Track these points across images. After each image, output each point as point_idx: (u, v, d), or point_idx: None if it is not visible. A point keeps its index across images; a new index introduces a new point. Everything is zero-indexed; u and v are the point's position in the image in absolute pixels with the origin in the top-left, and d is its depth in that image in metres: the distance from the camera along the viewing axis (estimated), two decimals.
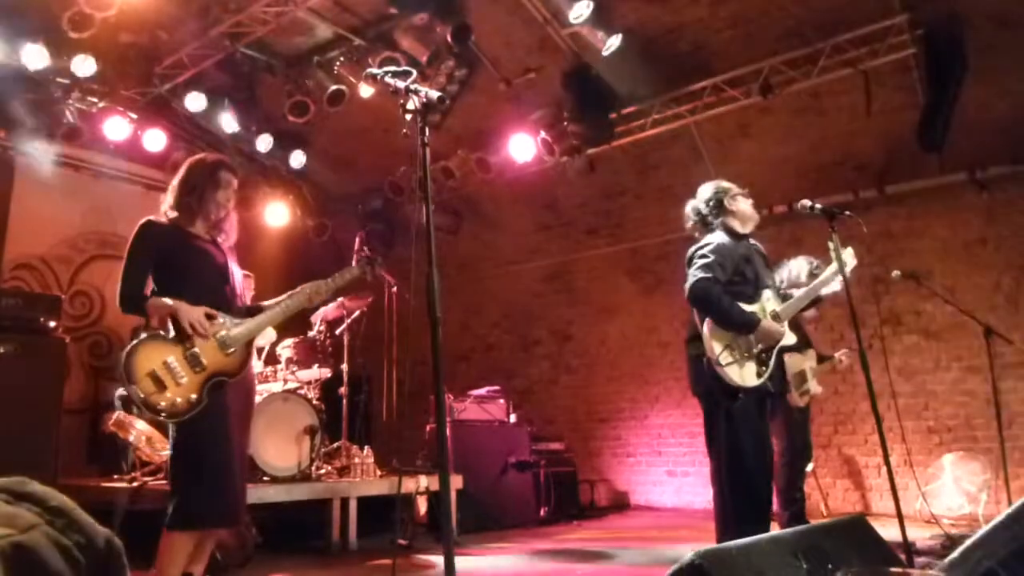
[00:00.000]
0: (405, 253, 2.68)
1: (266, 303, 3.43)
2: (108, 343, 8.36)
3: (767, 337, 3.79)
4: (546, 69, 7.72)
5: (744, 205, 4.07)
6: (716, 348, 3.72)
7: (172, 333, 3.03)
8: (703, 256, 3.85)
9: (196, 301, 3.11)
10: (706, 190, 4.14)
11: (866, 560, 2.23)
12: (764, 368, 3.80)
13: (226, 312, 3.22)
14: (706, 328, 3.76)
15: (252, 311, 3.37)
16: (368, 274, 3.59)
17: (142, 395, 2.91)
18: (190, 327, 3.03)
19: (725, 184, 4.14)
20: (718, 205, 4.06)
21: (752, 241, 4.09)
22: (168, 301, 3.06)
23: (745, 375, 3.74)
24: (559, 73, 7.60)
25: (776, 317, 3.88)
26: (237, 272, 3.41)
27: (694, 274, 3.80)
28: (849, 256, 4.02)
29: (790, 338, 3.94)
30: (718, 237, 3.95)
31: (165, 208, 3.31)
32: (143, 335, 3.06)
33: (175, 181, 3.37)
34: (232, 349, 3.13)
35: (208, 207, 3.31)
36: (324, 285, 3.41)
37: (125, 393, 3.07)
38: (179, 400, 2.96)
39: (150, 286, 3.20)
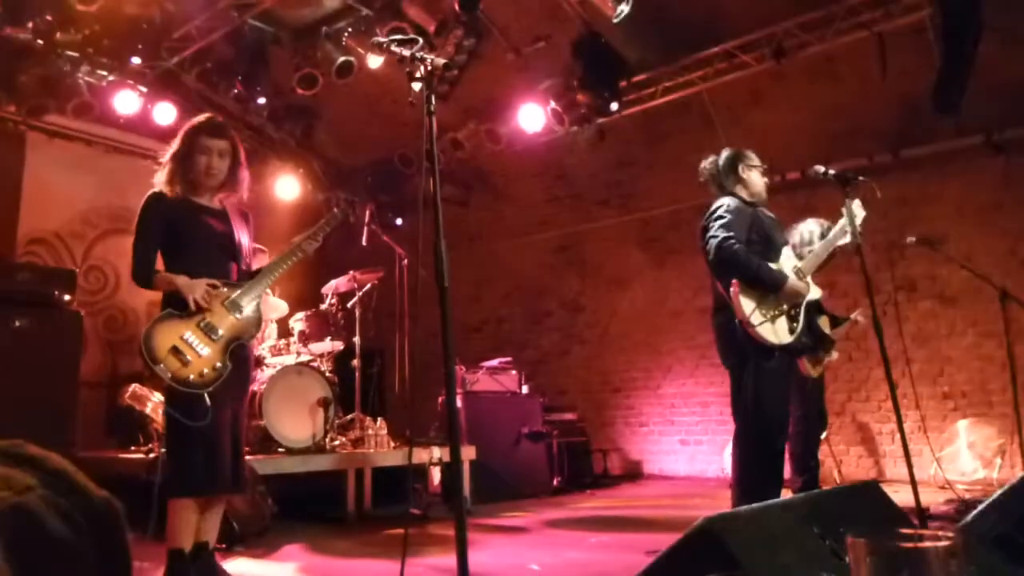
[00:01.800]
0: (415, 225, 2.66)
1: (277, 259, 3.47)
2: (123, 317, 8.42)
3: (794, 295, 3.81)
4: (555, 38, 7.63)
5: (756, 177, 4.10)
6: (747, 308, 3.72)
7: (192, 308, 3.10)
8: (720, 217, 3.84)
9: (197, 271, 3.17)
10: (726, 153, 4.17)
11: (879, 525, 2.22)
12: (796, 324, 3.83)
13: (228, 276, 3.31)
14: (733, 290, 3.75)
15: (253, 275, 3.42)
16: (350, 215, 3.80)
17: (170, 373, 2.99)
18: (194, 303, 3.10)
19: (746, 152, 4.14)
20: (731, 170, 4.08)
21: (761, 209, 4.10)
22: (171, 278, 3.15)
23: (779, 332, 3.77)
24: (568, 42, 7.51)
25: (799, 273, 3.91)
26: (244, 238, 3.43)
27: (715, 234, 3.78)
28: (857, 207, 3.99)
29: (816, 292, 3.97)
30: (730, 200, 3.95)
31: (160, 180, 3.32)
32: (158, 316, 3.16)
33: (169, 152, 3.38)
34: (243, 312, 3.23)
35: (198, 176, 3.31)
36: (312, 233, 3.51)
37: (149, 376, 3.20)
38: (206, 370, 3.06)
39: (161, 259, 3.28)
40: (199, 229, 3.27)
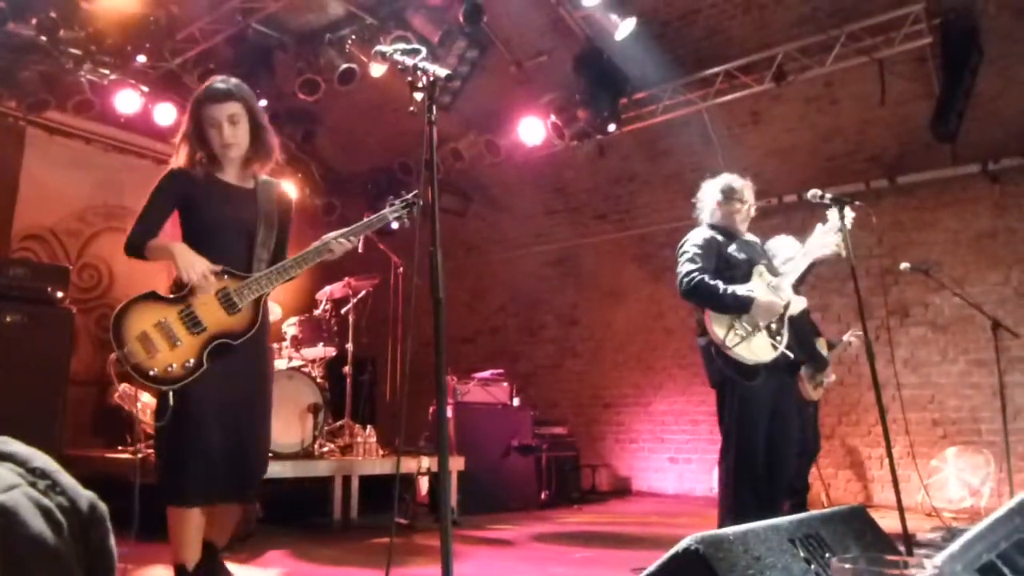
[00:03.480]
0: (411, 233, 2.65)
1: (292, 259, 2.98)
2: None
3: (767, 312, 3.75)
4: (558, 52, 7.67)
5: (735, 217, 4.05)
6: (720, 332, 3.72)
7: (187, 284, 2.76)
8: (685, 252, 3.92)
9: (208, 253, 2.82)
10: (717, 182, 4.13)
11: (864, 549, 2.22)
12: (779, 339, 3.78)
13: (242, 266, 2.89)
14: (706, 316, 3.78)
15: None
16: (403, 219, 3.08)
17: (133, 360, 2.65)
18: (187, 277, 2.73)
19: (735, 185, 4.09)
20: (713, 203, 4.09)
21: (737, 236, 4.08)
22: (168, 244, 2.82)
23: (757, 350, 3.72)
24: (571, 56, 7.55)
25: (774, 289, 3.86)
26: (272, 223, 3.02)
27: (680, 270, 3.87)
28: (834, 217, 3.95)
29: (799, 303, 3.92)
30: (702, 231, 4.01)
31: (181, 160, 2.98)
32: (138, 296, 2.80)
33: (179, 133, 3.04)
34: (238, 307, 2.81)
35: (215, 151, 2.95)
36: (349, 231, 3.02)
37: (116, 358, 2.70)
38: (174, 365, 2.68)
39: (168, 236, 2.93)
40: (214, 209, 2.91)
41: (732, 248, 3.98)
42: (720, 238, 3.99)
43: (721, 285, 3.76)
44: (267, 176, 3.13)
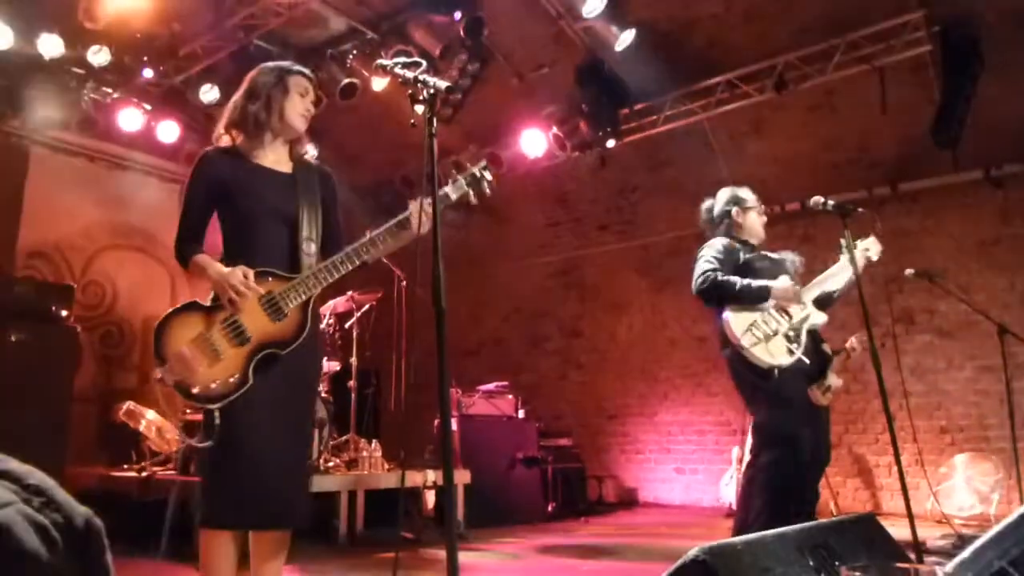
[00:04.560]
0: (412, 247, 2.64)
1: (341, 253, 2.64)
2: (120, 332, 8.40)
3: (783, 296, 3.78)
4: (559, 64, 7.70)
5: (753, 220, 4.12)
6: (737, 332, 3.72)
7: (226, 305, 2.49)
8: (702, 256, 3.95)
9: (244, 252, 2.57)
10: (722, 196, 4.20)
11: (874, 558, 2.20)
12: (796, 346, 3.77)
13: (285, 265, 2.60)
14: (724, 318, 3.78)
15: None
16: (473, 193, 2.89)
17: (173, 379, 2.44)
18: (225, 297, 2.47)
19: (742, 194, 4.16)
20: (725, 215, 4.13)
21: (760, 252, 4.11)
22: (205, 264, 2.55)
23: (775, 352, 3.73)
24: (572, 68, 7.57)
25: (796, 285, 3.88)
26: (314, 209, 2.72)
27: (697, 273, 3.87)
28: (873, 244, 4.01)
29: (820, 317, 3.93)
30: (719, 241, 4.03)
31: (221, 129, 2.74)
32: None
33: (235, 96, 2.76)
34: (284, 313, 2.53)
35: (274, 119, 2.68)
36: (415, 208, 2.65)
37: (160, 376, 2.46)
38: (216, 382, 2.44)
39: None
40: (252, 197, 2.61)
41: (752, 256, 3.99)
42: (739, 247, 4.02)
43: (737, 279, 3.80)
44: (302, 156, 2.82)
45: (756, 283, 3.80)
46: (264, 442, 2.49)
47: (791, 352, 3.76)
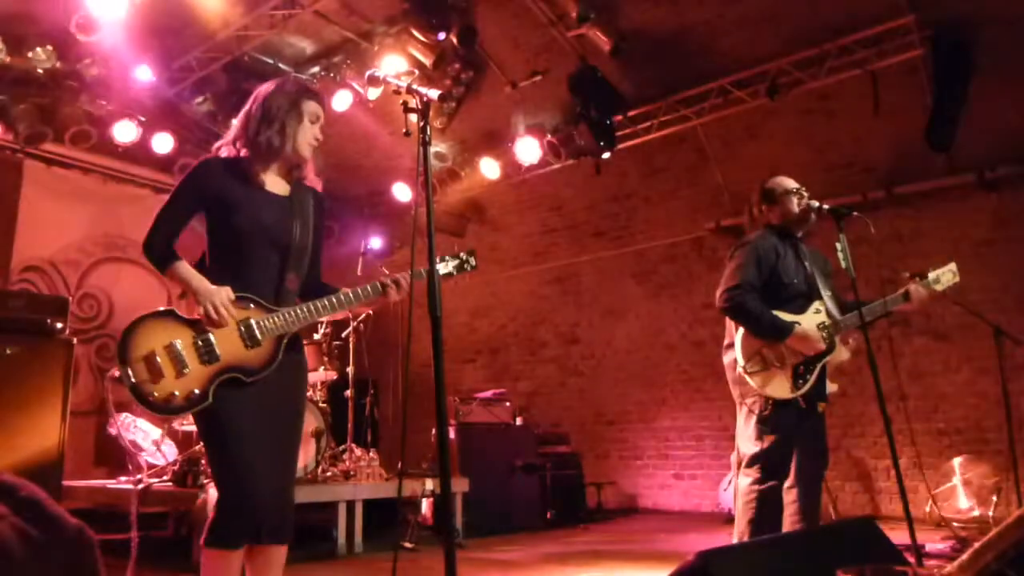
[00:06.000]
0: (408, 255, 2.63)
1: (323, 299, 2.64)
2: (116, 345, 8.38)
3: (803, 344, 3.55)
4: (552, 72, 7.72)
5: (791, 204, 3.89)
6: (746, 355, 3.58)
7: (203, 319, 2.47)
8: (733, 257, 3.73)
9: (236, 270, 2.53)
10: (765, 188, 3.99)
11: (874, 562, 2.20)
12: (802, 382, 3.56)
13: (272, 292, 2.57)
14: (739, 333, 3.64)
15: (310, 296, 2.68)
16: (456, 274, 3.03)
17: (133, 379, 2.39)
18: (204, 313, 2.44)
19: (782, 180, 3.98)
20: (768, 199, 3.93)
21: (802, 245, 3.89)
22: (188, 276, 2.51)
23: (776, 386, 3.55)
24: (565, 76, 7.59)
25: (826, 330, 3.64)
26: (306, 230, 2.68)
27: (726, 282, 3.66)
28: (951, 272, 3.98)
29: (844, 354, 3.74)
30: (762, 237, 3.79)
31: (226, 142, 2.69)
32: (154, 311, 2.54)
33: (244, 111, 2.68)
34: (258, 344, 2.50)
35: (287, 147, 2.62)
36: (402, 278, 2.72)
37: (117, 375, 2.46)
38: (176, 393, 2.40)
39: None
40: (249, 217, 2.55)
41: (789, 262, 3.75)
42: (778, 246, 3.76)
43: (761, 311, 3.56)
44: (300, 178, 2.77)
45: (781, 319, 3.56)
46: (255, 457, 2.46)
47: (794, 388, 3.55)
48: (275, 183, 2.68)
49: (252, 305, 2.52)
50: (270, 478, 2.48)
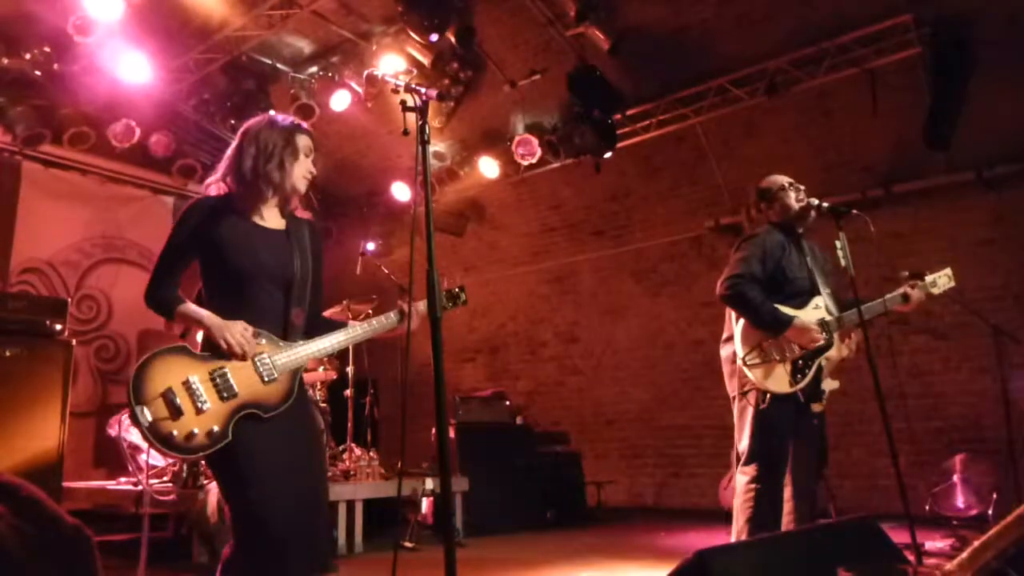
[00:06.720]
0: (408, 254, 2.62)
1: (338, 333, 2.69)
2: (115, 346, 8.38)
3: (801, 336, 3.57)
4: (551, 71, 7.72)
5: (789, 200, 3.92)
6: (746, 346, 3.59)
7: (226, 350, 2.42)
8: (739, 250, 3.76)
9: (240, 311, 2.48)
10: (763, 186, 4.02)
11: (874, 561, 2.20)
12: (800, 376, 3.59)
13: (278, 328, 2.54)
14: (740, 325, 3.66)
15: (314, 330, 2.69)
16: (449, 307, 3.23)
17: (150, 418, 2.28)
18: (226, 345, 2.39)
19: (776, 178, 4.01)
20: (765, 197, 3.96)
21: (804, 241, 3.92)
22: (197, 314, 2.46)
23: (776, 379, 3.56)
24: (564, 75, 7.59)
25: (825, 326, 3.67)
26: (306, 265, 2.64)
27: (729, 271, 3.69)
28: (946, 277, 3.99)
29: (843, 351, 3.76)
30: (767, 233, 3.82)
31: (215, 179, 2.63)
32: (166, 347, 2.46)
33: (234, 148, 2.64)
34: (273, 378, 2.46)
35: (287, 182, 2.60)
36: (394, 317, 2.81)
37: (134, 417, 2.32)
38: (196, 431, 2.31)
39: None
40: (248, 256, 2.52)
41: (793, 258, 3.79)
42: (784, 242, 3.79)
43: (760, 302, 3.59)
44: (293, 211, 2.74)
45: (780, 312, 3.59)
46: (283, 492, 2.39)
47: (793, 383, 3.58)
48: (270, 218, 2.64)
49: (263, 340, 2.49)
50: (297, 514, 2.40)
